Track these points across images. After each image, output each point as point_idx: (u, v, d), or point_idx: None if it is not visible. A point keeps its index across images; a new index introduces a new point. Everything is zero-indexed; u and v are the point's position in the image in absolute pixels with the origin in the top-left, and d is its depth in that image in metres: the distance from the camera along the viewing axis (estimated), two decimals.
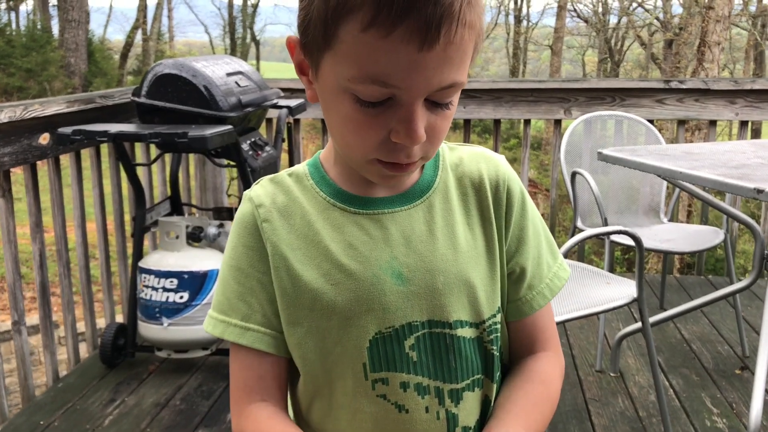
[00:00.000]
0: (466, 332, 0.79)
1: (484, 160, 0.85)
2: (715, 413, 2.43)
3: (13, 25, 20.76)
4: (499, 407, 0.82)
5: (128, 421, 2.41)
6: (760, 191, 1.89)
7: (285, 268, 0.79)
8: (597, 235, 2.37)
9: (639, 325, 2.43)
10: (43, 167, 2.76)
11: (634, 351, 2.90)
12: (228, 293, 0.81)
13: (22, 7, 23.64)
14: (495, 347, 0.82)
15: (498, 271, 0.82)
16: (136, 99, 2.66)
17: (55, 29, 19.02)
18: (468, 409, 0.81)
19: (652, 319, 2.59)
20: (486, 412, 0.83)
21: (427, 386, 0.78)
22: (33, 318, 3.73)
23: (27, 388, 2.57)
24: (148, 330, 2.67)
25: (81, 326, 2.89)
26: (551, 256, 0.87)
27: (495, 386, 0.83)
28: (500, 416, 0.80)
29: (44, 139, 2.56)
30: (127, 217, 3.17)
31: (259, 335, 0.80)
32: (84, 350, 2.99)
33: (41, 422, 2.41)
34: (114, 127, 2.45)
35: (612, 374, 2.71)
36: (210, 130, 2.38)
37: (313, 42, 0.70)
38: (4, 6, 22.29)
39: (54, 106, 2.56)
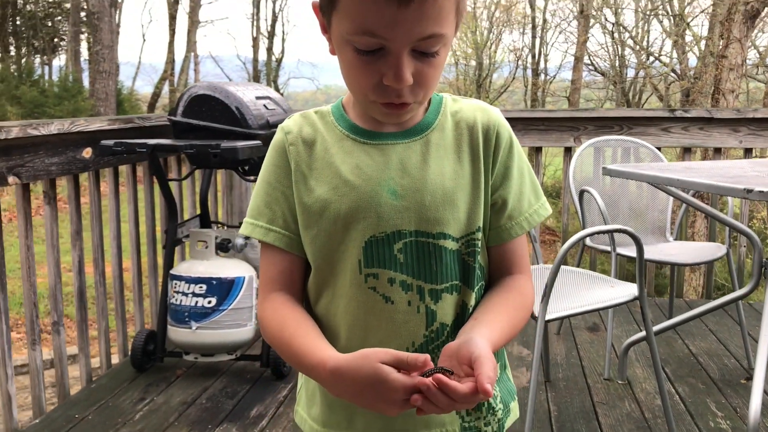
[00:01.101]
0: (448, 244, 0.95)
1: (480, 110, 1.01)
2: (719, 416, 2.52)
3: (46, 77, 21.55)
4: (479, 308, 0.98)
5: (157, 417, 2.55)
6: (749, 191, 2.03)
7: (303, 182, 0.97)
8: (597, 233, 2.51)
9: (644, 334, 2.55)
10: (84, 180, 2.97)
11: (642, 362, 3.00)
12: (258, 201, 0.99)
13: (55, 62, 24.58)
14: (473, 259, 0.97)
15: (482, 198, 0.98)
16: (173, 117, 2.87)
17: (86, 81, 19.72)
18: (445, 309, 0.96)
19: (657, 327, 2.71)
20: (463, 315, 0.98)
21: (411, 284, 0.94)
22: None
23: (63, 386, 2.72)
24: (177, 334, 2.83)
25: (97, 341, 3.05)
26: (534, 195, 1.03)
27: (474, 294, 0.98)
28: (477, 315, 0.96)
29: (87, 153, 2.78)
30: (158, 234, 3.36)
31: (280, 236, 0.98)
32: (115, 358, 3.15)
33: (76, 416, 2.56)
34: (152, 141, 2.66)
35: (620, 381, 2.81)
36: (241, 143, 2.58)
37: (324, 6, 0.88)
38: (38, 60, 23.19)
39: (97, 123, 2.78)
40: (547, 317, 2.15)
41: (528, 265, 1.04)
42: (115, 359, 3.14)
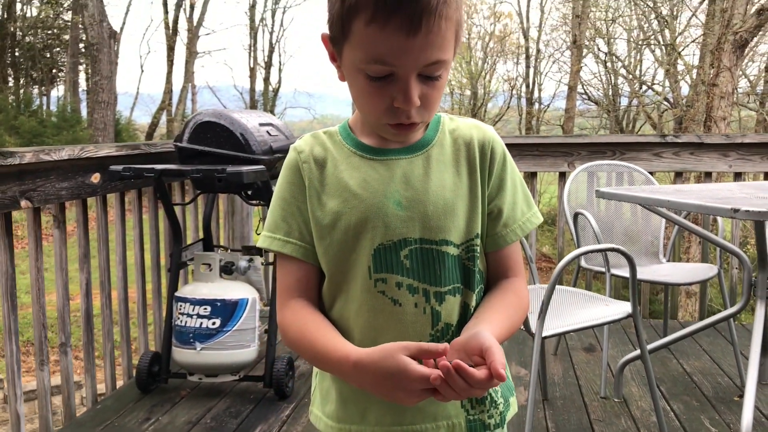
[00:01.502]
0: (450, 250, 1.04)
1: (475, 127, 1.11)
2: None
3: (45, 107, 21.72)
4: (480, 308, 1.06)
5: None
6: (736, 210, 2.12)
7: (316, 198, 1.05)
8: (591, 252, 2.58)
9: (639, 352, 2.62)
10: (92, 205, 3.04)
11: (637, 381, 3.06)
12: (275, 216, 1.07)
13: (53, 92, 24.80)
14: (472, 264, 1.06)
15: (479, 208, 1.06)
16: (179, 144, 2.96)
17: (84, 111, 19.91)
18: (449, 310, 1.04)
19: (651, 346, 2.78)
20: (465, 315, 1.06)
21: (417, 287, 1.02)
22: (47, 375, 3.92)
23: (69, 407, 2.77)
24: (182, 355, 2.88)
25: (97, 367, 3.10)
26: (526, 205, 1.12)
27: (474, 296, 1.06)
28: (478, 314, 1.04)
29: (95, 178, 2.86)
30: (162, 258, 3.43)
31: (297, 247, 1.06)
32: (120, 380, 3.20)
33: None
34: (159, 166, 2.74)
35: (616, 399, 2.86)
36: (246, 168, 2.66)
37: (335, 36, 0.97)
38: (36, 91, 23.39)
39: (105, 150, 2.87)
40: (544, 334, 2.22)
41: (522, 268, 1.13)
42: (120, 381, 3.18)
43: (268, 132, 3.09)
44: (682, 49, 18.12)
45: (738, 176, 3.82)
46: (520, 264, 1.12)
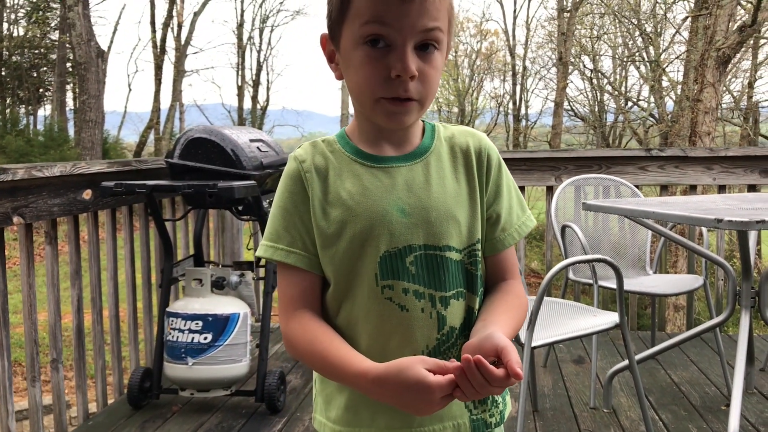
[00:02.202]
0: (453, 255, 1.07)
1: (470, 135, 1.14)
2: None
3: (32, 127, 21.67)
4: (484, 310, 1.08)
5: None
6: (719, 221, 2.17)
7: (320, 207, 1.06)
8: (579, 262, 2.62)
9: (627, 362, 2.65)
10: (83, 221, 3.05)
11: (626, 391, 3.09)
12: (277, 226, 1.08)
13: (40, 112, 24.75)
14: (474, 268, 1.09)
15: (479, 213, 1.10)
16: (170, 160, 2.98)
17: (71, 130, 19.86)
18: (453, 313, 1.06)
19: (639, 356, 2.81)
20: (469, 319, 1.08)
21: (423, 292, 1.05)
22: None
23: (61, 423, 2.77)
24: (174, 370, 2.89)
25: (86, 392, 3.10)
26: (521, 209, 1.15)
27: (477, 299, 1.09)
28: (484, 316, 1.06)
29: (87, 194, 2.87)
30: (153, 274, 3.44)
31: (300, 257, 1.07)
32: (111, 397, 3.19)
33: None
34: (151, 182, 2.76)
35: (605, 410, 2.89)
36: (237, 183, 2.69)
37: (335, 22, 1.02)
38: (23, 110, 23.34)
39: (97, 166, 2.89)
40: (533, 344, 2.25)
41: (518, 271, 1.16)
42: (111, 399, 3.18)
43: (258, 148, 3.12)
44: (667, 66, 18.34)
45: (722, 189, 3.88)
46: (517, 266, 1.15)
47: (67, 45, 19.09)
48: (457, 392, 0.90)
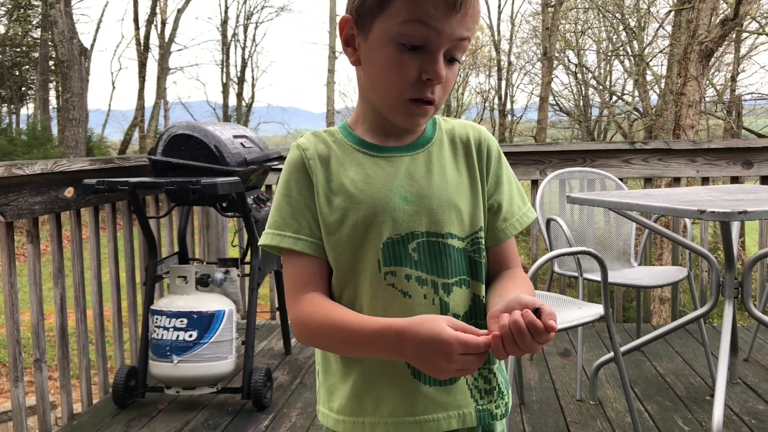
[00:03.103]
0: (455, 242, 1.07)
1: (470, 127, 1.16)
2: (686, 431, 2.62)
3: (14, 126, 21.47)
4: (496, 290, 1.08)
5: None
6: (702, 212, 2.18)
7: (324, 195, 1.07)
8: (563, 255, 2.63)
9: (613, 354, 2.66)
10: (66, 219, 3.02)
11: (612, 383, 3.10)
12: (282, 214, 1.08)
13: (23, 110, 24.54)
14: (479, 256, 1.09)
15: (480, 202, 1.10)
16: (152, 157, 2.96)
17: (54, 129, 19.70)
18: (456, 300, 1.07)
19: (625, 348, 2.83)
20: (475, 307, 1.08)
21: (425, 279, 1.05)
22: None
23: (45, 423, 2.74)
24: (159, 368, 2.87)
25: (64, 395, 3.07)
26: (521, 200, 1.16)
27: (483, 287, 1.09)
28: (499, 292, 1.06)
29: (69, 192, 2.85)
30: (137, 272, 3.42)
31: (308, 243, 1.07)
32: (96, 396, 3.17)
33: None
34: (134, 179, 2.74)
35: (591, 402, 2.90)
36: (220, 179, 2.67)
37: (368, 11, 1.01)
38: (5, 109, 23.12)
39: (79, 164, 2.86)
40: None
41: (519, 261, 1.17)
42: (96, 398, 3.15)
43: (242, 144, 3.11)
44: (650, 60, 18.43)
45: (705, 181, 3.90)
46: (518, 257, 1.16)
47: (50, 43, 18.94)
48: (482, 358, 0.90)
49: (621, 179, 3.62)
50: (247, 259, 3.34)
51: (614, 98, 21.86)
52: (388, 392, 1.06)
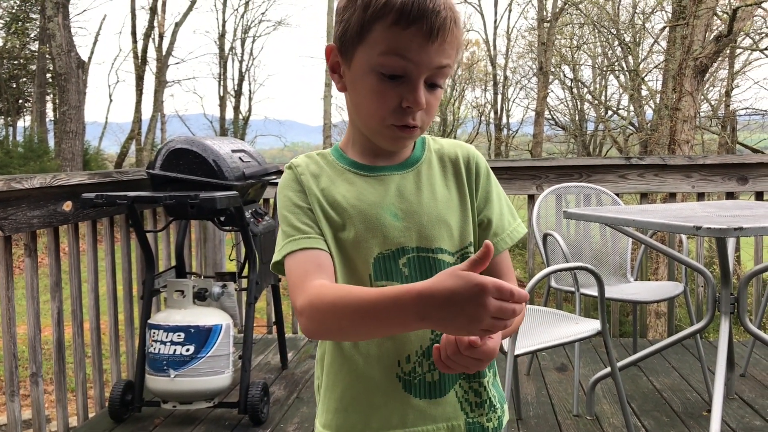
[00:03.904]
0: (445, 257, 1.09)
1: (458, 146, 1.18)
2: None
3: (11, 138, 21.47)
4: None
5: None
6: (698, 228, 2.19)
7: (319, 208, 1.08)
8: (560, 270, 2.64)
9: (610, 369, 2.66)
10: (64, 233, 3.03)
11: (609, 399, 3.11)
12: (291, 222, 1.07)
13: (20, 123, 24.55)
14: None
15: (470, 217, 1.12)
16: (151, 171, 2.97)
17: (51, 142, 19.69)
18: None
19: (621, 363, 2.83)
20: None
21: None
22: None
23: None
24: (155, 382, 2.86)
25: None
26: (511, 216, 1.18)
27: None
28: None
29: (67, 206, 2.85)
30: (135, 286, 3.42)
31: (318, 239, 1.07)
32: (92, 411, 3.16)
33: None
34: (132, 193, 2.75)
35: (588, 417, 2.90)
36: (219, 194, 2.68)
37: (349, 41, 1.03)
38: (2, 122, 23.12)
39: (77, 177, 2.87)
40: (516, 352, 2.26)
41: (514, 275, 1.18)
42: (92, 412, 3.14)
43: (240, 158, 3.12)
44: (645, 75, 18.54)
45: (701, 196, 3.92)
46: (512, 271, 1.17)
47: (47, 56, 18.96)
48: (497, 326, 0.83)
49: (617, 194, 3.64)
50: (245, 273, 3.34)
51: (610, 113, 21.96)
52: (378, 405, 1.07)
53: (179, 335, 2.84)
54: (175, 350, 2.83)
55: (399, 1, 0.99)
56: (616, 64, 20.07)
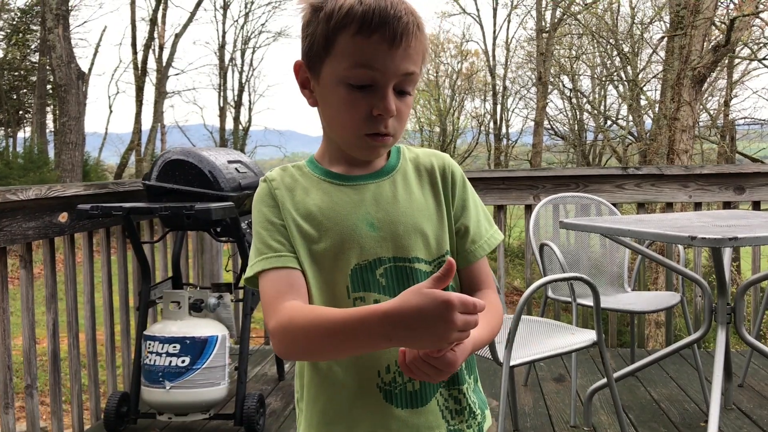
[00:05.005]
0: (422, 266, 1.09)
1: (434, 155, 1.19)
2: None
3: (11, 149, 21.50)
4: None
5: None
6: (693, 238, 2.19)
7: (293, 222, 1.08)
8: (555, 281, 2.63)
9: (606, 380, 2.65)
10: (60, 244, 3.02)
11: (606, 409, 3.09)
12: (264, 239, 1.08)
13: (20, 134, 24.60)
14: None
15: (446, 226, 1.13)
16: (147, 182, 2.97)
17: (51, 153, 19.72)
18: None
19: (618, 373, 2.82)
20: None
21: None
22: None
23: None
24: (151, 394, 2.85)
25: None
26: (488, 223, 1.18)
27: None
28: None
29: (63, 217, 2.85)
30: (131, 298, 3.41)
31: (290, 258, 1.06)
32: (87, 423, 3.15)
33: None
34: (128, 204, 2.75)
35: (586, 428, 2.89)
36: (214, 204, 2.68)
37: (316, 55, 1.05)
38: (2, 133, 23.17)
39: (73, 189, 2.87)
40: (512, 363, 2.25)
41: (493, 281, 1.19)
42: (87, 425, 3.13)
43: (236, 169, 3.12)
44: (644, 85, 18.59)
45: (698, 206, 3.92)
46: (491, 277, 1.18)
47: (47, 67, 19.01)
48: (463, 335, 0.87)
49: (614, 204, 3.64)
50: (241, 284, 3.34)
51: (609, 123, 22.00)
52: (361, 417, 1.07)
53: (175, 346, 2.83)
54: (170, 362, 2.83)
55: (360, 10, 1.00)
56: (615, 74, 20.12)
